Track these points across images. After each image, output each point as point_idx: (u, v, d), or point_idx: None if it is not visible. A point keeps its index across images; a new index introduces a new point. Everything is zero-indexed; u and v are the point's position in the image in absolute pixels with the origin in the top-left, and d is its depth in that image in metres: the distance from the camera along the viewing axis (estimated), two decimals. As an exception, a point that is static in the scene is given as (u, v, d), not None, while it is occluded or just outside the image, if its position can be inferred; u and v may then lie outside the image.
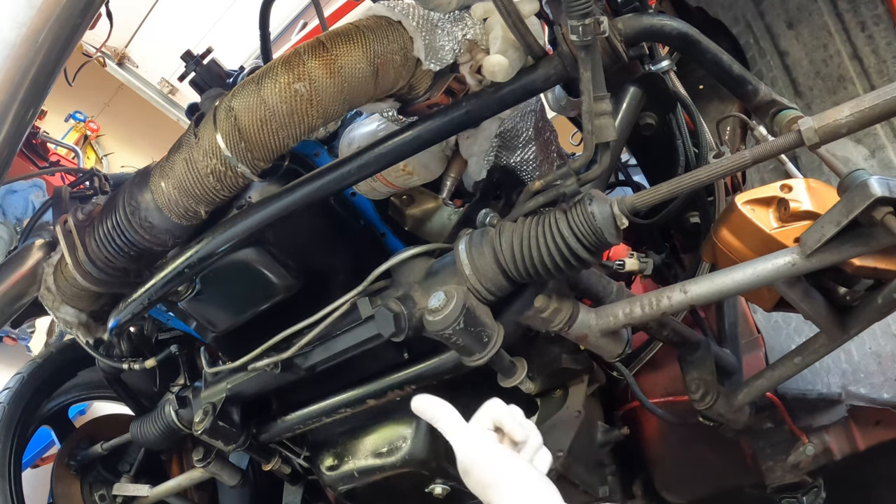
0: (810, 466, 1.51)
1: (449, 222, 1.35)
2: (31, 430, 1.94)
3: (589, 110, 0.98)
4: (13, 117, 0.99)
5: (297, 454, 1.67)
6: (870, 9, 1.60)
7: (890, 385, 1.44)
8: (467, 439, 0.98)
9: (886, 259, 0.96)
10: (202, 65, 1.39)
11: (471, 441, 0.98)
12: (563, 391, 1.48)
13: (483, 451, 0.97)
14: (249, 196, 1.25)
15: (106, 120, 6.80)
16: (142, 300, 1.29)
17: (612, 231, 0.98)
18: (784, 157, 1.45)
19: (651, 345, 1.70)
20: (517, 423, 1.00)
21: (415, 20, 1.06)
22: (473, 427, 1.00)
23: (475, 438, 0.98)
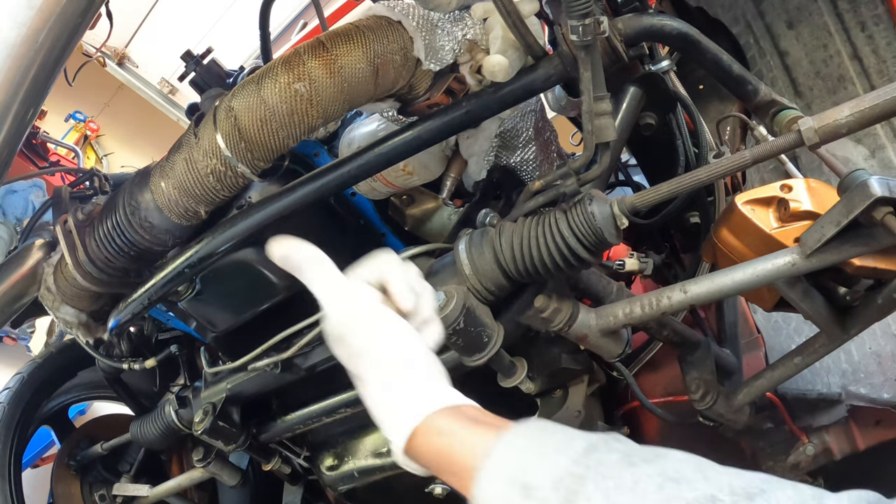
0: (810, 466, 1.51)
1: (449, 222, 1.35)
2: (31, 430, 1.94)
3: (589, 110, 0.98)
4: (13, 117, 0.99)
5: (297, 454, 1.67)
6: (870, 9, 1.60)
7: (890, 385, 1.44)
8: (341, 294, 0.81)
9: (886, 259, 0.96)
10: (202, 65, 1.39)
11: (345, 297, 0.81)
12: (563, 391, 1.48)
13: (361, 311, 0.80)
14: (249, 196, 1.25)
15: (106, 120, 6.80)
16: (142, 300, 1.29)
17: (612, 231, 0.98)
18: (784, 157, 1.45)
19: (651, 345, 1.70)
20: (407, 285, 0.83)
21: (415, 20, 1.06)
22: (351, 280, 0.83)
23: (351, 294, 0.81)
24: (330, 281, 0.83)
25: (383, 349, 0.79)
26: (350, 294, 0.82)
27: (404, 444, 0.77)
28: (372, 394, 0.80)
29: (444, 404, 0.77)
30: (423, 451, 0.75)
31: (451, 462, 0.72)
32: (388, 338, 0.80)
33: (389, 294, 0.83)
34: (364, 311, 0.81)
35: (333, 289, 0.82)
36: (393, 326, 0.81)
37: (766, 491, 0.53)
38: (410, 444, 0.76)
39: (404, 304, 0.82)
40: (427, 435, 0.75)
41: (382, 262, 0.85)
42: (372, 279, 0.84)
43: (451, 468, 0.72)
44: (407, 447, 0.77)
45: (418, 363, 0.80)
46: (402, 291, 0.82)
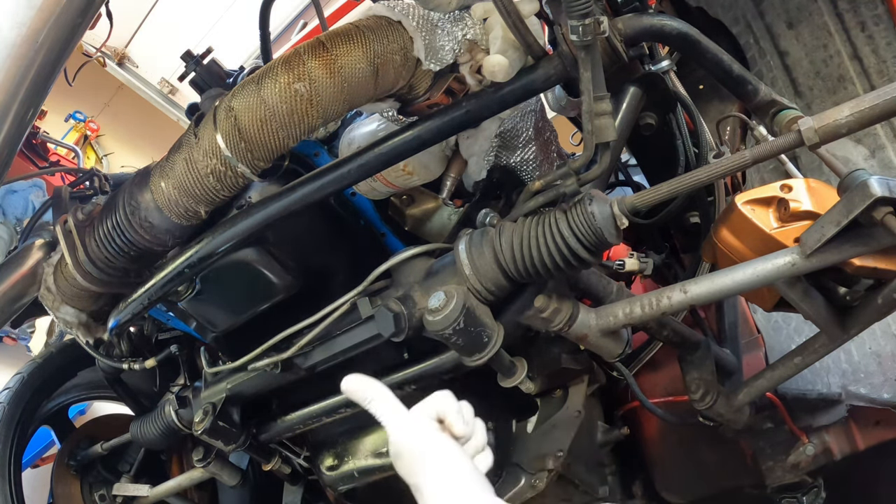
0: (810, 466, 1.51)
1: (449, 222, 1.35)
2: (31, 430, 1.93)
3: (589, 110, 0.98)
4: (13, 117, 0.99)
5: (297, 454, 1.67)
6: (870, 9, 1.60)
7: (890, 385, 1.44)
8: (403, 421, 0.93)
9: (886, 259, 0.96)
10: (202, 65, 1.39)
11: (406, 423, 0.93)
12: (563, 391, 1.49)
13: (418, 433, 0.91)
14: (249, 196, 1.25)
15: (106, 120, 6.80)
16: (142, 300, 1.29)
17: (612, 231, 0.98)
18: (784, 157, 1.45)
19: (651, 345, 1.70)
20: (462, 418, 0.94)
21: (415, 20, 1.06)
22: (413, 412, 0.95)
23: (411, 421, 0.93)
24: (395, 409, 0.94)
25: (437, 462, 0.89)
26: (411, 419, 0.93)
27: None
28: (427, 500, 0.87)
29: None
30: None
31: None
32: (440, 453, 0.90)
33: (446, 424, 0.93)
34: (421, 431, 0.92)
35: (397, 415, 0.93)
36: (445, 444, 0.91)
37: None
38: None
39: (457, 430, 0.93)
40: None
41: (439, 398, 0.96)
42: (430, 411, 0.94)
43: None
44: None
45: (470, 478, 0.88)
46: (456, 421, 0.93)
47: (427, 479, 0.87)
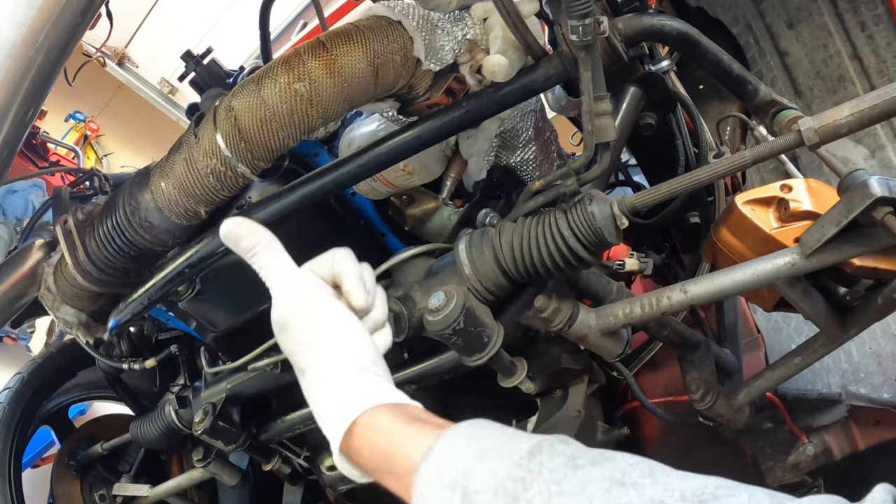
0: (810, 466, 1.51)
1: (449, 222, 1.35)
2: (31, 430, 1.93)
3: (589, 110, 0.98)
4: (13, 117, 0.99)
5: (297, 454, 1.67)
6: (870, 9, 1.60)
7: (890, 385, 1.44)
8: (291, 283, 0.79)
9: (886, 259, 0.96)
10: (202, 65, 1.39)
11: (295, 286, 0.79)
12: (563, 391, 1.48)
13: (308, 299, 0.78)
14: (249, 196, 1.25)
15: (106, 120, 6.81)
16: (142, 300, 1.29)
17: (612, 231, 0.98)
18: (784, 157, 1.45)
19: (651, 345, 1.70)
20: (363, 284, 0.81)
21: (415, 20, 1.06)
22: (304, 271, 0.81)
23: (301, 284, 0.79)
24: (282, 269, 0.81)
25: (327, 340, 0.77)
26: (300, 283, 0.80)
27: (341, 441, 0.74)
28: (311, 385, 0.77)
29: (385, 401, 0.74)
30: (363, 448, 0.72)
31: (390, 461, 0.69)
32: (333, 329, 0.78)
33: (343, 291, 0.81)
34: (312, 301, 0.79)
35: (284, 277, 0.80)
36: (340, 319, 0.79)
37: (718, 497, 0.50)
38: (348, 442, 0.73)
39: (357, 301, 0.81)
40: (366, 431, 0.72)
41: (338, 259, 0.83)
42: (326, 274, 0.82)
43: (390, 467, 0.69)
44: (345, 445, 0.74)
45: (363, 358, 0.77)
46: (355, 289, 0.80)
47: (313, 359, 0.76)
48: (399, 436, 0.69)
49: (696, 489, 0.52)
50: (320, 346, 0.77)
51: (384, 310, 0.86)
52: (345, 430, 0.73)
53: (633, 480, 0.54)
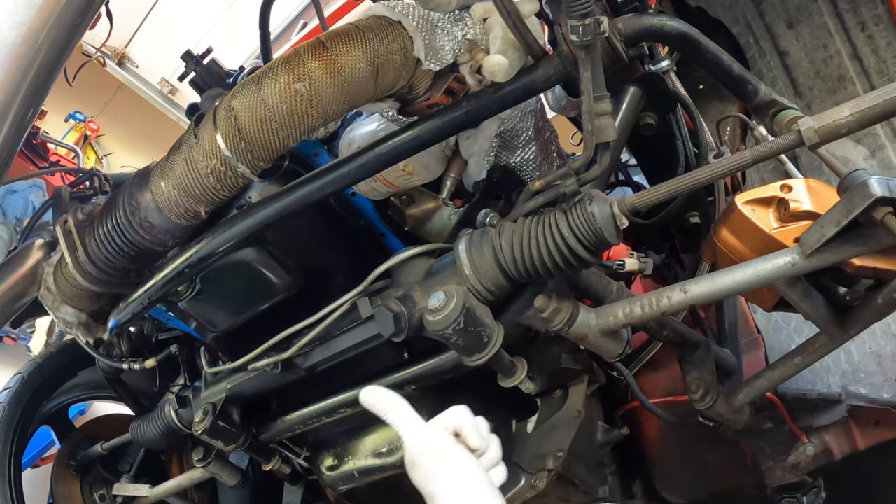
0: (810, 466, 1.51)
1: (449, 222, 1.35)
2: (31, 430, 1.94)
3: (589, 110, 0.98)
4: (13, 117, 0.99)
5: (297, 454, 1.67)
6: (870, 9, 1.60)
7: (890, 385, 1.44)
8: (419, 431, 0.95)
9: (886, 259, 0.96)
10: (202, 65, 1.39)
11: (423, 433, 0.94)
12: (563, 391, 1.48)
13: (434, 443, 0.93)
14: (249, 196, 1.25)
15: (106, 120, 6.80)
16: (142, 300, 1.29)
17: (612, 231, 0.98)
18: (784, 157, 1.46)
19: (651, 345, 1.70)
20: (477, 431, 0.96)
21: (415, 20, 1.06)
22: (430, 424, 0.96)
23: (428, 431, 0.95)
24: (412, 419, 0.96)
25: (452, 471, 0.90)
26: (426, 429, 0.95)
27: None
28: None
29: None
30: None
31: None
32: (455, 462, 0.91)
33: (461, 437, 0.95)
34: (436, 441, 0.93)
35: (414, 427, 0.95)
36: (460, 454, 0.92)
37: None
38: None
39: (473, 442, 0.94)
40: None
41: (455, 412, 0.97)
42: (446, 424, 0.96)
43: None
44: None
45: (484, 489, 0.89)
46: (471, 434, 0.94)
47: (442, 487, 0.89)
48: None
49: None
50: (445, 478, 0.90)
51: (498, 451, 0.98)
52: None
53: None
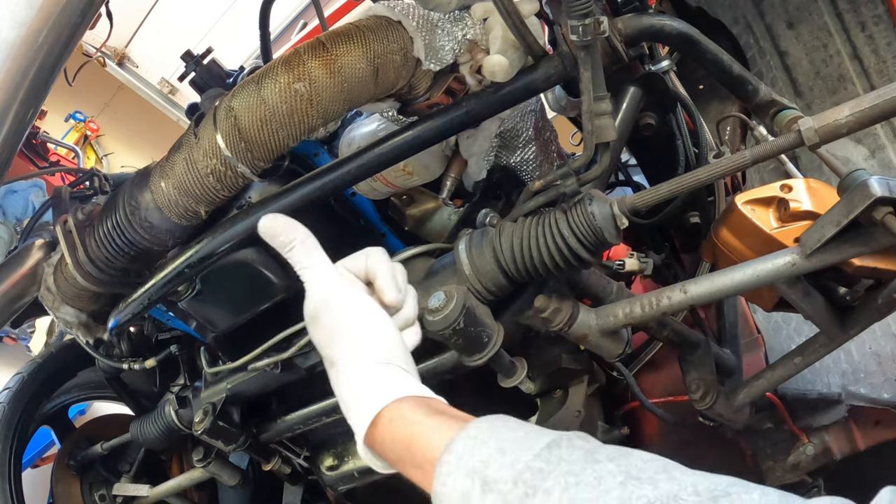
0: (810, 466, 1.51)
1: (449, 222, 1.35)
2: (31, 430, 1.93)
3: (589, 110, 0.98)
4: (13, 117, 0.98)
5: (297, 454, 1.67)
6: (870, 9, 1.60)
7: (890, 385, 1.44)
8: (326, 277, 0.82)
9: (886, 259, 0.96)
10: (202, 65, 1.39)
11: (330, 281, 0.82)
12: (563, 391, 1.48)
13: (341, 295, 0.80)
14: (249, 196, 1.25)
15: (106, 120, 6.81)
16: (142, 300, 1.29)
17: (612, 231, 0.98)
18: (784, 157, 1.46)
19: (651, 345, 1.70)
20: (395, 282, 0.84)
21: (415, 20, 1.06)
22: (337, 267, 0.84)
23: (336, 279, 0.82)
24: (316, 265, 0.83)
25: (357, 334, 0.79)
26: (333, 279, 0.82)
27: (366, 431, 0.75)
28: (340, 377, 0.79)
29: (410, 394, 0.76)
30: (386, 439, 0.73)
31: (413, 451, 0.71)
32: (364, 323, 0.80)
33: (375, 288, 0.83)
34: (344, 296, 0.81)
35: (318, 272, 0.82)
36: (370, 314, 0.81)
37: (730, 494, 0.52)
38: (373, 433, 0.75)
39: (388, 297, 0.83)
40: (390, 422, 0.74)
41: (371, 257, 0.85)
42: (359, 271, 0.84)
43: (413, 458, 0.71)
44: (369, 436, 0.75)
45: (391, 353, 0.79)
46: (387, 286, 0.83)
47: (342, 351, 0.78)
48: (422, 427, 0.71)
49: (709, 486, 0.53)
50: (350, 339, 0.78)
51: (414, 308, 0.87)
52: (370, 420, 0.74)
53: (648, 476, 0.56)
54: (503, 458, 0.63)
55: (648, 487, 0.54)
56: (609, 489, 0.55)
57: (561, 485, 0.57)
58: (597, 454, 0.60)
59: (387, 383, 0.76)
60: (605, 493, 0.55)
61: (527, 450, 0.62)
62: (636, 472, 0.56)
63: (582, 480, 0.57)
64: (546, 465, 0.60)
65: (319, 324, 0.81)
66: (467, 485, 0.62)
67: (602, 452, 0.61)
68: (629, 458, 0.59)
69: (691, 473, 0.56)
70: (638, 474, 0.56)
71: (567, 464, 0.59)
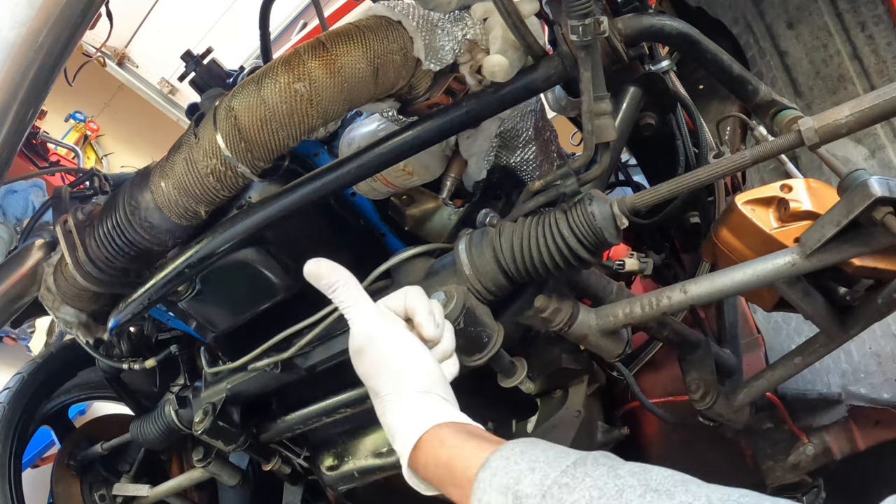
0: (810, 466, 1.51)
1: (449, 222, 1.35)
2: (31, 430, 1.93)
3: (589, 110, 0.98)
4: (13, 117, 0.99)
5: (297, 454, 1.67)
6: (870, 9, 1.60)
7: (890, 385, 1.44)
8: (368, 315, 0.87)
9: (886, 259, 0.96)
10: (202, 65, 1.39)
11: (371, 318, 0.87)
12: (563, 391, 1.48)
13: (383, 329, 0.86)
14: (249, 196, 1.25)
15: (106, 120, 6.80)
16: (142, 300, 1.29)
17: (612, 231, 0.98)
18: (784, 157, 1.45)
19: (651, 345, 1.70)
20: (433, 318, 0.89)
21: (415, 20, 1.06)
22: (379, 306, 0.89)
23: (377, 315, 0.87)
24: (359, 304, 0.89)
25: (401, 366, 0.85)
26: (375, 316, 0.88)
27: (410, 454, 0.80)
28: (384, 405, 0.84)
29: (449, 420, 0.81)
30: (429, 461, 0.78)
31: (453, 472, 0.75)
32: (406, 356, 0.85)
33: (415, 324, 0.89)
34: (386, 331, 0.87)
35: (361, 310, 0.88)
36: (412, 347, 0.87)
37: None
38: (416, 456, 0.80)
39: (427, 332, 0.89)
40: (432, 445, 0.79)
41: (410, 295, 0.91)
42: (398, 309, 0.90)
43: (453, 478, 0.75)
44: (413, 459, 0.80)
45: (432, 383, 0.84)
46: (426, 322, 0.89)
47: (387, 382, 0.84)
48: (461, 449, 0.77)
49: (721, 496, 0.58)
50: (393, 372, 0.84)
51: (452, 342, 0.93)
52: (413, 444, 0.80)
53: (665, 489, 0.61)
54: (533, 475, 0.68)
55: (665, 498, 0.60)
56: (630, 500, 0.61)
57: (586, 497, 0.63)
58: (619, 470, 0.65)
59: (428, 411, 0.82)
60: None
61: (555, 467, 0.68)
62: (655, 485, 0.62)
63: (605, 493, 0.62)
64: (572, 480, 0.65)
65: (364, 357, 0.86)
66: (500, 500, 0.68)
67: (624, 468, 0.66)
68: (649, 473, 0.64)
69: (706, 486, 0.61)
70: (657, 487, 0.61)
71: (591, 479, 0.65)
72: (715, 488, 0.60)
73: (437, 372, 0.86)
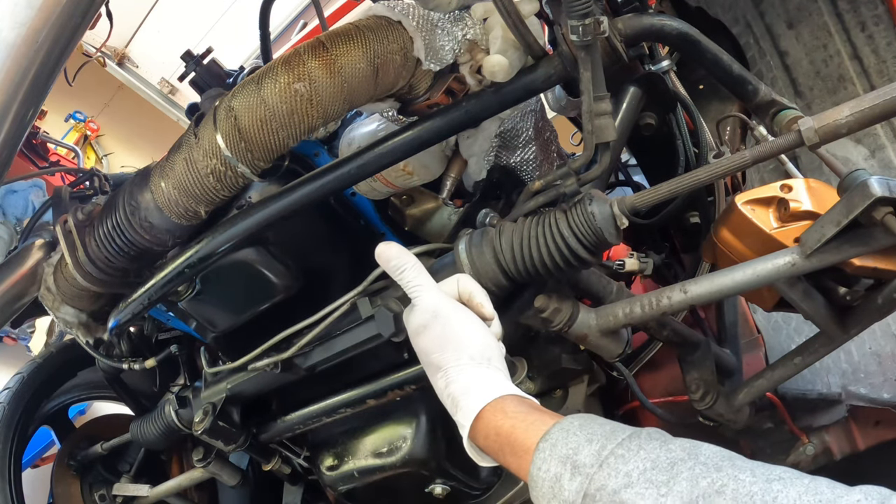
0: (810, 466, 1.51)
1: (449, 222, 1.35)
2: (31, 430, 1.93)
3: (589, 110, 0.98)
4: (13, 117, 0.99)
5: (297, 454, 1.67)
6: (870, 9, 1.60)
7: (890, 385, 1.44)
8: (434, 294, 0.93)
9: (886, 259, 0.96)
10: (202, 65, 1.39)
11: (438, 297, 0.93)
12: (563, 391, 1.48)
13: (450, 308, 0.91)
14: (249, 196, 1.25)
15: (106, 120, 6.81)
16: (142, 300, 1.29)
17: (612, 231, 0.98)
18: (784, 157, 1.45)
19: (651, 345, 1.70)
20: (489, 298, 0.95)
21: (415, 20, 1.06)
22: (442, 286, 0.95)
23: (443, 296, 0.93)
24: (424, 284, 0.94)
25: (466, 340, 0.89)
26: (439, 295, 0.94)
27: (471, 424, 0.84)
28: (450, 376, 0.88)
29: (511, 393, 0.86)
30: (490, 430, 0.83)
31: (513, 442, 0.80)
32: (470, 331, 0.91)
33: (474, 304, 0.94)
34: (450, 309, 0.92)
35: (427, 289, 0.94)
36: (476, 324, 0.92)
37: (783, 479, 0.61)
38: (476, 426, 0.84)
39: (488, 310, 0.94)
40: (494, 415, 0.83)
41: (462, 279, 0.97)
42: (452, 291, 0.95)
43: (513, 448, 0.80)
44: (473, 429, 0.84)
45: (494, 357, 0.89)
46: (486, 301, 0.95)
47: (451, 355, 0.88)
48: (522, 421, 0.81)
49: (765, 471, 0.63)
50: (457, 344, 0.89)
51: (500, 324, 0.98)
52: (476, 412, 0.84)
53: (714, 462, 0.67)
54: (590, 446, 0.74)
55: (714, 471, 0.65)
56: (680, 472, 0.66)
57: (640, 468, 0.68)
58: (670, 444, 0.71)
59: (491, 382, 0.86)
60: (677, 475, 0.66)
61: (611, 440, 0.73)
62: (704, 458, 0.68)
63: (658, 465, 0.68)
64: (627, 451, 0.71)
65: (429, 332, 0.91)
66: (559, 468, 0.73)
67: (675, 443, 0.72)
68: (698, 448, 0.70)
69: (751, 462, 0.66)
70: (705, 461, 0.67)
71: (645, 451, 0.70)
72: (759, 464, 0.65)
73: (497, 347, 0.91)
